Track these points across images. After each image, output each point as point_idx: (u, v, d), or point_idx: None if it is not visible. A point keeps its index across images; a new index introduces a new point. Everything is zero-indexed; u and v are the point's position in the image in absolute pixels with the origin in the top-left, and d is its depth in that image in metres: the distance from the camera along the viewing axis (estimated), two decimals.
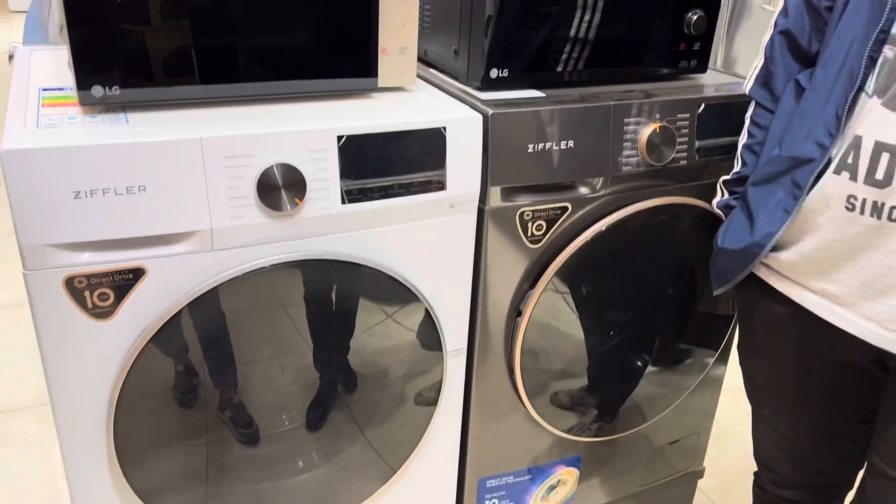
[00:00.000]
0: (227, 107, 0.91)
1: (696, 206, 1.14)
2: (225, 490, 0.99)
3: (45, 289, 0.80)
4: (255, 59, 0.89)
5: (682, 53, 1.15)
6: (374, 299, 0.98)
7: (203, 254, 0.85)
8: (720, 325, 1.30)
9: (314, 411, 1.02)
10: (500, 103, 0.99)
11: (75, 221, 0.78)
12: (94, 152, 0.76)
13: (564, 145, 1.02)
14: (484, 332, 1.09)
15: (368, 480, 1.09)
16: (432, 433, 1.13)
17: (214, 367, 0.92)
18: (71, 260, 0.80)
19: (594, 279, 1.12)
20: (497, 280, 1.06)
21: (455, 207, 0.99)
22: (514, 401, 1.17)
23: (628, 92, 1.09)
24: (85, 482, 0.91)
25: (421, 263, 1.00)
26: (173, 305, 0.85)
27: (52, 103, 0.86)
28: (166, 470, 0.93)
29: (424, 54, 1.21)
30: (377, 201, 0.93)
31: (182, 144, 0.80)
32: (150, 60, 0.83)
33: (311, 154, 0.87)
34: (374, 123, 0.90)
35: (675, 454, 1.41)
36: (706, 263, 1.04)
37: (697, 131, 1.10)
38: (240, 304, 0.89)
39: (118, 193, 0.78)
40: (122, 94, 0.83)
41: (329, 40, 0.92)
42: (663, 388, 1.29)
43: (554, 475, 1.28)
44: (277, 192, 0.85)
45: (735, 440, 1.79)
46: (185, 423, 0.93)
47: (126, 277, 0.82)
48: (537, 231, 1.05)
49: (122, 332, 0.85)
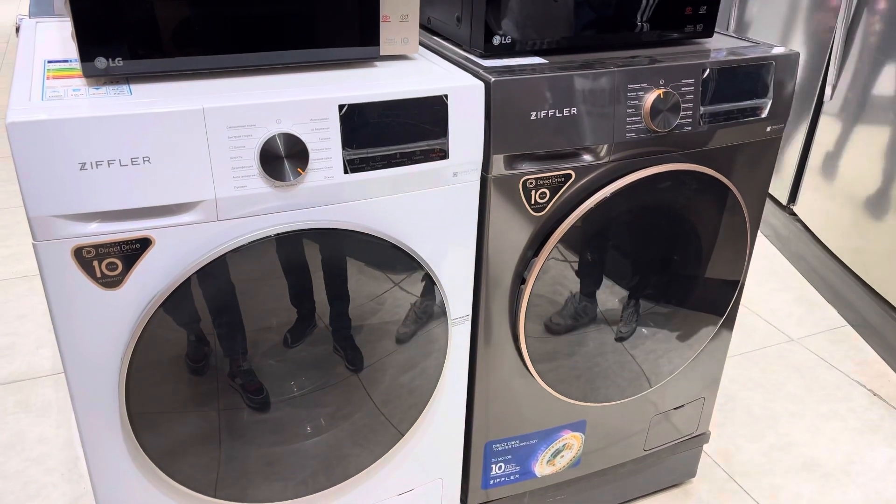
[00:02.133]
0: (229, 77, 0.91)
1: (701, 172, 1.14)
2: (237, 454, 1.01)
3: (55, 259, 0.81)
4: (257, 29, 0.89)
5: (688, 17, 1.13)
6: (379, 268, 0.99)
7: (208, 223, 0.86)
8: (726, 290, 1.30)
9: (322, 378, 1.04)
10: (502, 70, 0.99)
11: (82, 192, 0.79)
12: (98, 124, 0.77)
13: (567, 112, 1.01)
14: (488, 299, 1.10)
15: (377, 445, 1.12)
16: (439, 398, 1.15)
17: (223, 334, 0.93)
18: (79, 230, 0.81)
19: (598, 246, 1.13)
20: (501, 248, 1.07)
21: (458, 176, 1.00)
22: (519, 367, 1.18)
23: (632, 58, 1.08)
24: (100, 448, 0.93)
25: (424, 232, 1.01)
26: (180, 275, 0.87)
27: (57, 75, 0.87)
28: (179, 435, 0.96)
29: (427, 21, 1.20)
30: (379, 170, 0.93)
31: (185, 115, 0.81)
32: (152, 31, 0.84)
33: (313, 123, 0.88)
34: (376, 92, 0.90)
35: (681, 419, 1.42)
36: (712, 230, 1.04)
37: (702, 97, 1.09)
38: (246, 273, 0.91)
39: (123, 164, 0.79)
40: (126, 66, 0.84)
41: (331, 9, 0.92)
42: (669, 353, 1.30)
43: (559, 440, 1.30)
44: (280, 162, 0.86)
45: (741, 405, 1.81)
46: (196, 390, 0.95)
47: (133, 247, 0.84)
48: (541, 199, 1.05)
49: (132, 301, 0.87)
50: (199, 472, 1.00)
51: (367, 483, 1.15)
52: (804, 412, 1.79)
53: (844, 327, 2.14)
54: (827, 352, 2.02)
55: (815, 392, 1.87)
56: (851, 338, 2.09)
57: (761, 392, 1.86)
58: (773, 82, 1.15)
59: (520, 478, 1.30)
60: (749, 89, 1.14)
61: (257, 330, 0.96)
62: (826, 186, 2.26)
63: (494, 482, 1.28)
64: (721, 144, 1.15)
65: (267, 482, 1.05)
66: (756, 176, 1.22)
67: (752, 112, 1.15)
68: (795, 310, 2.21)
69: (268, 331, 0.97)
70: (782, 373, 1.94)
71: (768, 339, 2.07)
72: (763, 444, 1.68)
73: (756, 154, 1.20)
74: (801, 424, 1.75)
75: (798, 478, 1.59)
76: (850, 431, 1.73)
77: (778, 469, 1.61)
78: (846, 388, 1.88)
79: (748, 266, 1.30)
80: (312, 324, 0.99)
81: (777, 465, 1.62)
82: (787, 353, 2.02)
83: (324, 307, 0.99)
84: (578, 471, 1.36)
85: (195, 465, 0.99)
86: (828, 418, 1.77)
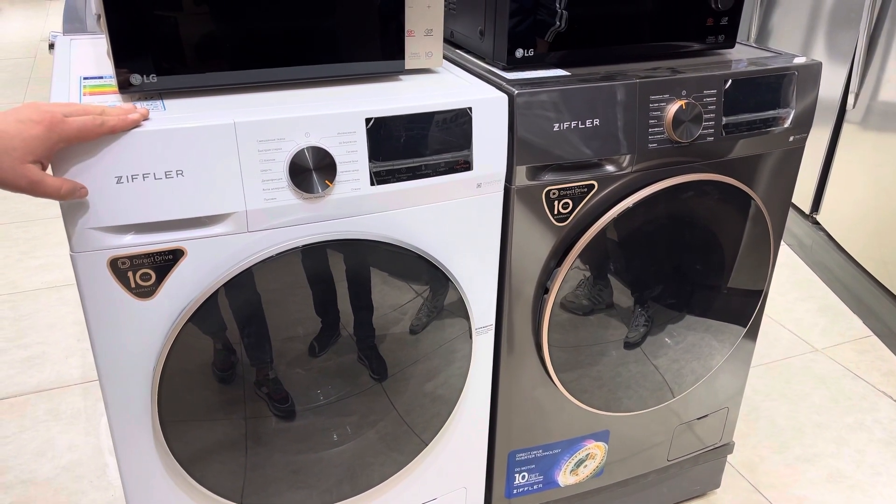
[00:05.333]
0: (258, 91, 0.93)
1: (723, 182, 1.14)
2: (263, 461, 1.03)
3: (91, 270, 0.84)
4: (285, 45, 0.91)
5: (710, 29, 1.14)
6: (403, 278, 1.01)
7: (238, 235, 0.88)
8: (749, 300, 1.30)
9: (346, 387, 1.05)
10: (525, 83, 1.00)
11: (118, 205, 0.81)
12: (135, 139, 0.80)
13: (590, 123, 1.02)
14: (511, 309, 1.11)
15: (401, 453, 1.13)
16: (463, 408, 1.15)
17: (252, 343, 0.95)
18: (114, 242, 0.83)
19: (621, 256, 1.13)
20: (524, 258, 1.08)
21: (482, 187, 1.01)
22: (542, 376, 1.19)
23: (654, 69, 1.09)
24: (132, 453, 0.95)
25: (449, 242, 1.02)
26: (211, 285, 0.89)
27: (93, 91, 0.90)
28: (208, 442, 0.97)
29: (451, 35, 1.22)
30: (405, 182, 0.95)
31: (217, 129, 0.83)
32: (184, 48, 0.86)
33: (341, 137, 0.89)
34: (402, 106, 0.92)
35: (705, 429, 1.42)
36: (734, 239, 1.04)
37: (724, 107, 1.10)
38: (274, 283, 0.93)
39: (157, 178, 0.82)
40: (159, 82, 0.86)
41: (357, 24, 0.94)
42: (692, 363, 1.29)
43: (583, 449, 1.30)
44: (308, 175, 0.88)
45: (766, 416, 1.79)
46: (224, 398, 0.97)
47: (166, 258, 0.86)
48: (564, 209, 1.06)
49: (164, 311, 0.89)
50: (226, 479, 1.01)
51: (391, 492, 1.16)
52: (830, 423, 1.78)
53: (870, 337, 2.12)
54: (852, 362, 2.00)
55: (841, 403, 1.85)
56: (877, 348, 2.07)
57: (786, 403, 1.85)
58: (796, 92, 1.15)
59: (543, 487, 1.30)
60: (771, 99, 1.14)
61: (284, 339, 0.98)
62: (849, 195, 2.24)
63: (518, 491, 1.29)
64: (743, 154, 1.15)
65: (292, 490, 1.07)
66: (779, 185, 1.22)
67: (775, 122, 1.16)
68: (819, 319, 2.20)
69: (294, 340, 0.99)
70: (807, 383, 1.92)
71: (792, 350, 2.06)
72: (788, 456, 1.67)
73: (779, 163, 1.20)
74: (826, 435, 1.74)
75: (823, 489, 1.58)
76: (877, 443, 1.71)
77: (803, 480, 1.60)
78: (872, 399, 1.86)
79: (771, 275, 1.29)
80: (337, 333, 1.01)
81: (802, 477, 1.61)
82: (812, 363, 2.00)
83: (348, 317, 1.00)
84: (602, 481, 1.36)
85: (222, 472, 1.00)
86: (853, 429, 1.76)
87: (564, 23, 1.04)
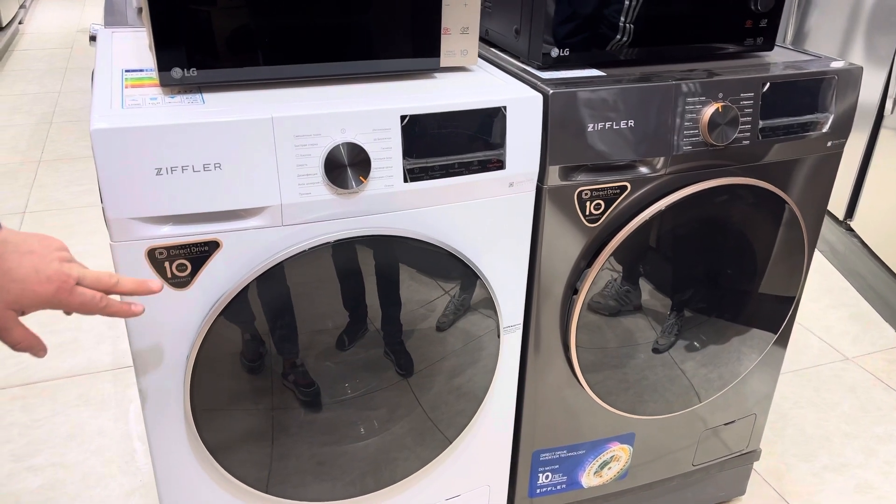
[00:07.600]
0: (295, 87, 0.94)
1: (758, 186, 1.13)
2: (289, 451, 1.04)
3: (130, 259, 0.85)
4: (322, 41, 0.92)
5: (748, 31, 1.13)
6: (433, 275, 1.01)
7: (273, 228, 0.90)
8: (781, 306, 1.28)
9: (372, 381, 1.06)
10: (560, 82, 1.00)
11: (157, 196, 0.83)
12: (175, 131, 0.81)
13: (625, 125, 1.02)
14: (539, 309, 1.11)
15: (425, 449, 1.13)
16: (488, 406, 1.16)
17: (283, 334, 0.96)
18: (153, 233, 0.85)
19: (652, 258, 1.13)
20: (554, 258, 1.08)
21: (514, 186, 1.01)
22: (568, 376, 1.19)
23: (690, 70, 1.08)
24: (164, 440, 0.97)
25: (479, 240, 1.02)
26: (245, 277, 0.90)
27: (134, 84, 0.92)
28: (236, 430, 0.99)
29: (486, 34, 1.22)
30: (438, 180, 0.95)
31: (255, 124, 0.84)
32: (224, 43, 0.87)
33: (376, 133, 0.90)
34: (437, 103, 0.92)
35: (731, 435, 1.41)
36: (768, 244, 1.03)
37: (762, 111, 1.09)
38: (306, 276, 0.94)
39: (196, 170, 0.83)
40: (199, 76, 0.88)
41: (393, 22, 0.94)
42: (720, 368, 1.28)
43: (607, 451, 1.30)
44: (343, 171, 0.89)
45: (794, 424, 1.77)
46: (254, 387, 0.98)
47: (202, 249, 0.87)
48: (595, 210, 1.06)
49: (198, 301, 0.90)
50: (253, 468, 1.03)
51: (415, 487, 1.17)
52: (858, 433, 1.75)
53: None
54: (884, 371, 1.97)
55: (871, 413, 1.82)
56: None
57: (814, 411, 1.82)
58: (835, 97, 1.14)
59: (566, 488, 1.30)
60: (809, 104, 1.12)
61: (313, 332, 0.99)
62: (885, 201, 2.20)
63: (541, 491, 1.29)
64: (779, 159, 1.14)
65: (316, 481, 1.08)
66: (815, 191, 1.20)
67: (813, 127, 1.14)
68: (851, 327, 2.16)
69: (323, 333, 1.00)
70: (836, 392, 1.89)
71: (822, 357, 2.03)
72: (815, 465, 1.65)
73: (815, 169, 1.18)
74: (854, 445, 1.71)
75: (851, 500, 1.55)
76: None
77: (830, 490, 1.58)
78: None
79: (804, 282, 1.28)
80: (364, 327, 1.02)
81: (829, 486, 1.59)
82: (842, 371, 1.97)
83: (376, 311, 1.01)
84: (625, 483, 1.35)
85: (249, 461, 1.02)
86: (883, 440, 1.73)
87: (602, 23, 1.04)
